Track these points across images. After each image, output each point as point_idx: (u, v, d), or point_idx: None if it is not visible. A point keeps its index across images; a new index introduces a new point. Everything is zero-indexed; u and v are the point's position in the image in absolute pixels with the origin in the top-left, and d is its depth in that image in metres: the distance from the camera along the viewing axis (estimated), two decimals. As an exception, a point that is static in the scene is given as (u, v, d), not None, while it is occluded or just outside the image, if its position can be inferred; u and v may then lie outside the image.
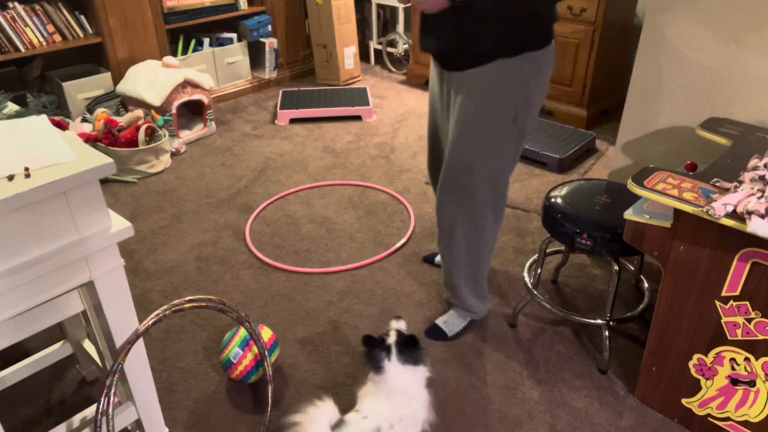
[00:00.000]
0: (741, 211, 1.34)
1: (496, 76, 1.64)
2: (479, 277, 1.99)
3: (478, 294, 2.02)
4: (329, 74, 4.44)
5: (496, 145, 1.74)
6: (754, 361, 1.52)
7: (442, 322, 2.08)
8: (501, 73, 1.64)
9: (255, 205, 2.87)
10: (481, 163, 1.75)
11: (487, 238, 1.90)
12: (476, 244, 1.90)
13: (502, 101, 1.67)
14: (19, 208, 1.10)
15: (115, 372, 1.35)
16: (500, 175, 1.80)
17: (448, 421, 1.76)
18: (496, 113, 1.69)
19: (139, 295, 2.28)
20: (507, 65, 1.62)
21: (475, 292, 2.01)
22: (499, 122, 1.70)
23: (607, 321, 1.93)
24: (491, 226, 1.88)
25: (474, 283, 1.99)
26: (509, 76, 1.64)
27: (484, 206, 1.83)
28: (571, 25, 3.42)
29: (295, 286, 2.33)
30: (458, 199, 1.83)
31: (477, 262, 1.94)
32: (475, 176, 1.77)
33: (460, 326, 2.08)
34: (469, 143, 1.74)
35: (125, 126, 3.14)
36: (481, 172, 1.76)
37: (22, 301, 1.18)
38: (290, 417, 1.45)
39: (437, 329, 2.06)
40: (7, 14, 3.09)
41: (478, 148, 1.73)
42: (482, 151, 1.74)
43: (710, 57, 1.98)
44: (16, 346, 2.03)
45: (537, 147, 3.21)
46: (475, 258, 1.93)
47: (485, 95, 1.68)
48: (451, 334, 2.06)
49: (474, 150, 1.74)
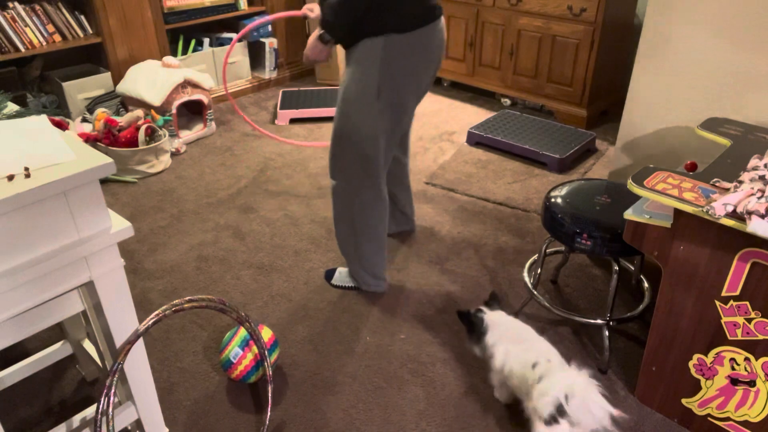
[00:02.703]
0: (741, 211, 1.34)
1: (361, 55, 1.86)
2: (360, 252, 2.17)
3: (361, 267, 2.20)
4: (329, 74, 4.44)
5: (362, 117, 1.92)
6: (754, 361, 1.52)
7: (338, 271, 2.33)
8: (365, 52, 1.85)
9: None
10: (352, 133, 1.95)
11: (364, 213, 2.08)
12: (351, 216, 2.09)
13: (364, 76, 1.87)
14: (19, 208, 1.10)
15: (115, 372, 1.35)
16: (370, 147, 1.96)
17: (448, 421, 1.76)
18: (360, 87, 1.89)
19: (139, 295, 2.28)
20: (369, 46, 1.83)
21: (358, 263, 2.20)
22: (364, 98, 1.89)
23: (607, 321, 1.93)
24: (366, 202, 2.05)
25: (355, 255, 2.18)
26: (371, 54, 1.84)
27: (357, 178, 2.01)
28: (571, 25, 3.42)
29: (295, 286, 2.33)
30: (335, 167, 2.05)
31: (356, 237, 2.13)
32: (346, 146, 1.97)
33: (344, 283, 2.31)
34: (341, 114, 1.95)
35: (125, 126, 3.14)
36: (352, 143, 1.96)
37: (22, 301, 1.18)
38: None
39: (332, 272, 2.34)
40: (7, 14, 3.09)
41: (348, 119, 1.94)
42: (351, 122, 1.94)
43: (710, 57, 1.98)
44: (16, 346, 2.03)
45: (537, 147, 3.21)
46: (354, 231, 2.12)
47: (353, 70, 1.90)
48: (334, 283, 2.31)
49: (344, 120, 1.95)
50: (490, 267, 2.42)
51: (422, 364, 1.96)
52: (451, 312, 2.17)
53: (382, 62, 1.84)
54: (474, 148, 3.41)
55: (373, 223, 2.11)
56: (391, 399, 1.84)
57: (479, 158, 3.30)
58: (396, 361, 1.97)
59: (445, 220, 2.74)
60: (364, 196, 2.04)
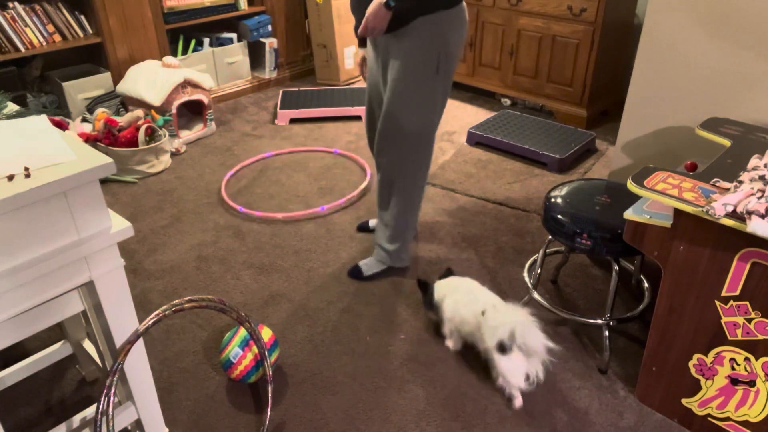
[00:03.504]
0: (741, 211, 1.34)
1: (419, 33, 1.91)
2: (408, 224, 2.27)
3: (405, 240, 2.31)
4: (329, 74, 4.44)
5: (424, 96, 2.00)
6: (754, 361, 1.52)
7: (362, 264, 2.37)
8: (423, 30, 1.90)
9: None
10: (411, 113, 2.02)
11: (417, 186, 2.20)
12: (406, 191, 2.19)
13: (425, 54, 1.94)
14: (19, 208, 1.10)
15: (115, 372, 1.35)
16: (428, 125, 2.07)
17: (448, 421, 1.76)
18: (422, 66, 1.95)
19: (139, 295, 2.28)
20: (427, 22, 1.89)
21: (404, 237, 2.30)
22: (426, 74, 1.96)
23: (607, 321, 1.93)
24: (420, 175, 2.18)
25: (404, 228, 2.28)
26: (428, 31, 1.90)
27: (415, 157, 2.11)
28: (571, 25, 3.42)
29: (295, 286, 2.33)
30: (393, 153, 2.11)
31: (408, 211, 2.23)
32: (407, 128, 2.04)
33: (375, 269, 2.37)
34: (400, 98, 2.00)
35: (125, 126, 3.14)
36: (412, 124, 2.03)
37: (22, 301, 1.18)
38: None
39: (356, 269, 2.36)
40: (7, 14, 3.09)
41: (409, 101, 2.00)
42: (412, 103, 2.00)
43: (710, 57, 1.98)
44: (16, 346, 2.03)
45: (537, 147, 3.21)
46: (407, 205, 2.22)
47: (412, 51, 1.93)
48: (365, 274, 2.35)
49: (405, 103, 2.00)
50: (490, 267, 2.42)
51: (422, 364, 1.96)
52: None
53: (439, 38, 1.92)
54: (474, 148, 3.41)
55: (420, 194, 2.25)
56: (391, 399, 1.84)
57: (479, 158, 3.30)
58: (396, 361, 1.97)
59: (445, 220, 2.74)
60: (419, 169, 2.16)
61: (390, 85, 2.01)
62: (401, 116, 2.02)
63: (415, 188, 2.21)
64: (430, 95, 2.01)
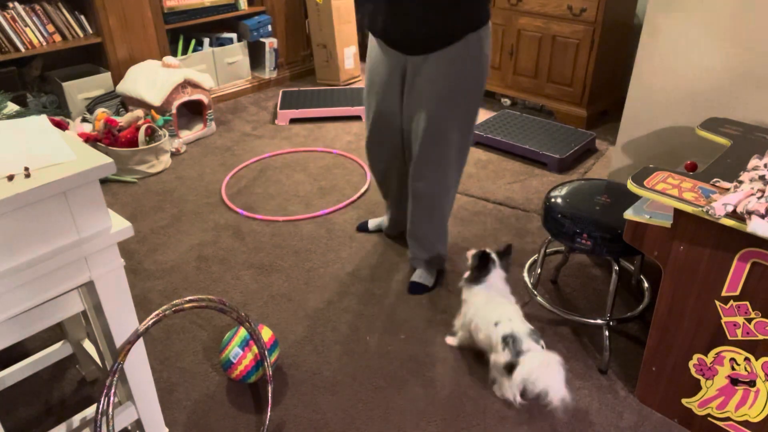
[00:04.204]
0: (741, 211, 1.34)
1: (467, 50, 1.85)
2: (446, 229, 2.27)
3: (445, 244, 2.29)
4: (329, 74, 4.44)
5: (470, 113, 1.98)
6: (754, 361, 1.52)
7: (418, 277, 2.29)
8: (471, 46, 1.85)
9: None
10: (458, 131, 1.97)
11: (452, 195, 2.17)
12: (444, 204, 2.16)
13: (475, 71, 1.89)
14: (19, 208, 1.10)
15: (115, 372, 1.35)
16: (471, 140, 2.07)
17: (448, 421, 1.76)
18: (472, 83, 1.91)
19: (139, 295, 2.28)
20: (475, 38, 1.85)
21: (444, 242, 2.28)
22: (474, 90, 1.93)
23: (607, 321, 1.93)
24: (455, 186, 2.16)
25: (444, 236, 2.26)
26: (476, 47, 1.86)
27: (457, 170, 2.09)
28: (571, 25, 3.42)
29: (296, 286, 2.33)
30: (437, 175, 2.05)
31: (445, 217, 2.21)
32: (453, 145, 1.99)
33: (432, 279, 2.31)
34: (448, 116, 1.93)
35: (125, 126, 3.14)
36: (458, 141, 1.98)
37: (22, 301, 1.18)
38: None
39: (416, 285, 2.28)
40: (7, 14, 3.09)
41: (457, 119, 1.95)
42: (461, 121, 1.96)
43: (710, 57, 1.98)
44: (16, 346, 2.03)
45: (537, 147, 3.21)
46: (444, 216, 2.20)
47: (462, 69, 1.88)
48: (428, 286, 2.28)
49: (453, 121, 1.94)
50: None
51: (422, 364, 1.96)
52: (451, 312, 2.17)
53: (484, 54, 1.89)
54: (474, 148, 3.41)
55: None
56: (391, 399, 1.84)
57: (479, 158, 3.30)
58: (396, 361, 1.97)
59: (445, 220, 2.74)
60: (458, 183, 2.16)
61: (434, 105, 1.92)
62: (450, 136, 1.96)
63: (452, 198, 2.19)
64: (475, 111, 1.99)
